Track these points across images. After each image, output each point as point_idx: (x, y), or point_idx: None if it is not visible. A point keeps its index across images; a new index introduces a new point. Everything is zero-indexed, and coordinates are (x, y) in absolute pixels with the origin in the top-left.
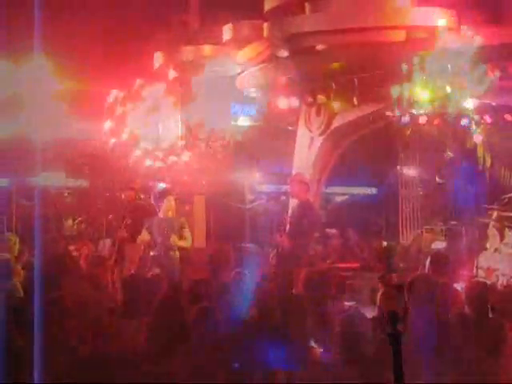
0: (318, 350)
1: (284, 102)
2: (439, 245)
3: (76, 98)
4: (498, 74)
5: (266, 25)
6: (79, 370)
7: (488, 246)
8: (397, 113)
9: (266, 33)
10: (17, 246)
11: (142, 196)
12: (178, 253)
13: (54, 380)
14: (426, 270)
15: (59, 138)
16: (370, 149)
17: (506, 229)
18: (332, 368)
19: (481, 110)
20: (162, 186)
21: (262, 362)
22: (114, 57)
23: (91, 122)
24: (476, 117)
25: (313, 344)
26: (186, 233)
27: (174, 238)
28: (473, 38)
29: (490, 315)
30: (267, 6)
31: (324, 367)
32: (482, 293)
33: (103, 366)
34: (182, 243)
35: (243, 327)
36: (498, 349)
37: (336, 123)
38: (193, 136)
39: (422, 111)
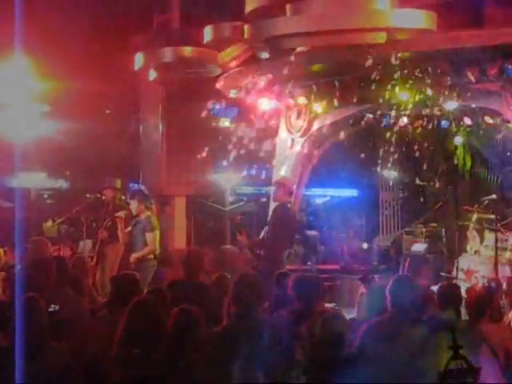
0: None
1: (265, 104)
2: (419, 247)
3: (56, 98)
4: (477, 76)
5: (246, 26)
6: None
7: (468, 248)
8: (377, 115)
9: (246, 34)
10: None
11: (123, 197)
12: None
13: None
14: (406, 272)
15: (40, 139)
16: (351, 151)
17: (486, 231)
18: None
19: (461, 113)
20: (135, 186)
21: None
22: (94, 57)
23: (72, 122)
24: (456, 119)
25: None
26: (149, 237)
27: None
28: (453, 41)
29: (466, 318)
30: (248, 8)
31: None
32: (454, 295)
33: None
34: (137, 255)
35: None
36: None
37: (317, 125)
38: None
39: (402, 113)
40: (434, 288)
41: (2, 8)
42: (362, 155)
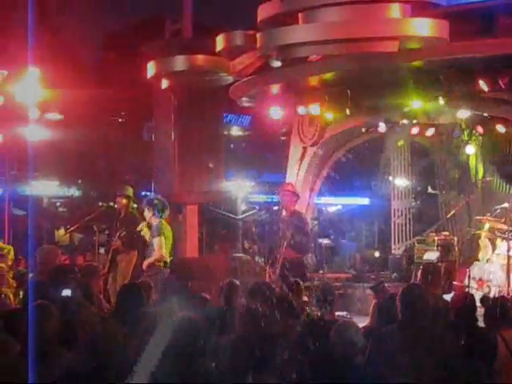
0: None
1: (277, 113)
2: (431, 255)
3: (69, 106)
4: (489, 85)
5: (259, 35)
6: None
7: (480, 256)
8: (390, 123)
9: (259, 43)
10: (10, 256)
11: (135, 205)
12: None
13: None
14: (418, 281)
15: (53, 147)
16: (363, 159)
17: (498, 239)
18: None
19: (473, 121)
20: (151, 195)
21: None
22: (107, 66)
23: (85, 131)
24: (468, 128)
25: None
26: (155, 242)
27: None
28: (466, 50)
29: (482, 326)
30: (260, 16)
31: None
32: (469, 304)
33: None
34: (147, 261)
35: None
36: (488, 359)
37: (328, 134)
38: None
39: (414, 122)
40: (447, 297)
41: (15, 18)
42: (374, 163)
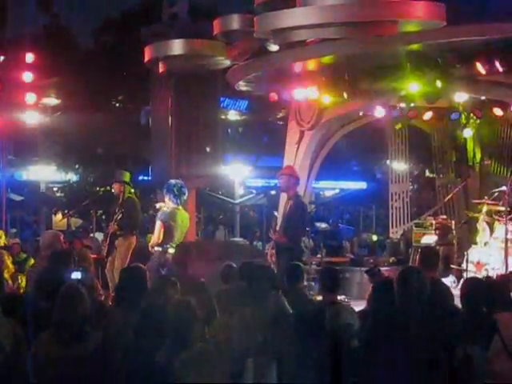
0: None
1: (274, 96)
2: (429, 239)
3: (67, 91)
4: (487, 68)
5: (256, 19)
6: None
7: (478, 240)
8: (387, 107)
9: (256, 26)
10: (2, 240)
11: (133, 190)
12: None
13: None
14: (416, 264)
15: (50, 132)
16: (360, 143)
17: (496, 222)
18: None
19: (470, 105)
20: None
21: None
22: (104, 50)
23: (82, 116)
24: (466, 111)
25: None
26: (155, 228)
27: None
28: (463, 33)
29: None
30: (257, 0)
31: None
32: (478, 289)
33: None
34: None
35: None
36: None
37: (326, 117)
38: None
39: (412, 105)
40: (445, 280)
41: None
42: (372, 147)
